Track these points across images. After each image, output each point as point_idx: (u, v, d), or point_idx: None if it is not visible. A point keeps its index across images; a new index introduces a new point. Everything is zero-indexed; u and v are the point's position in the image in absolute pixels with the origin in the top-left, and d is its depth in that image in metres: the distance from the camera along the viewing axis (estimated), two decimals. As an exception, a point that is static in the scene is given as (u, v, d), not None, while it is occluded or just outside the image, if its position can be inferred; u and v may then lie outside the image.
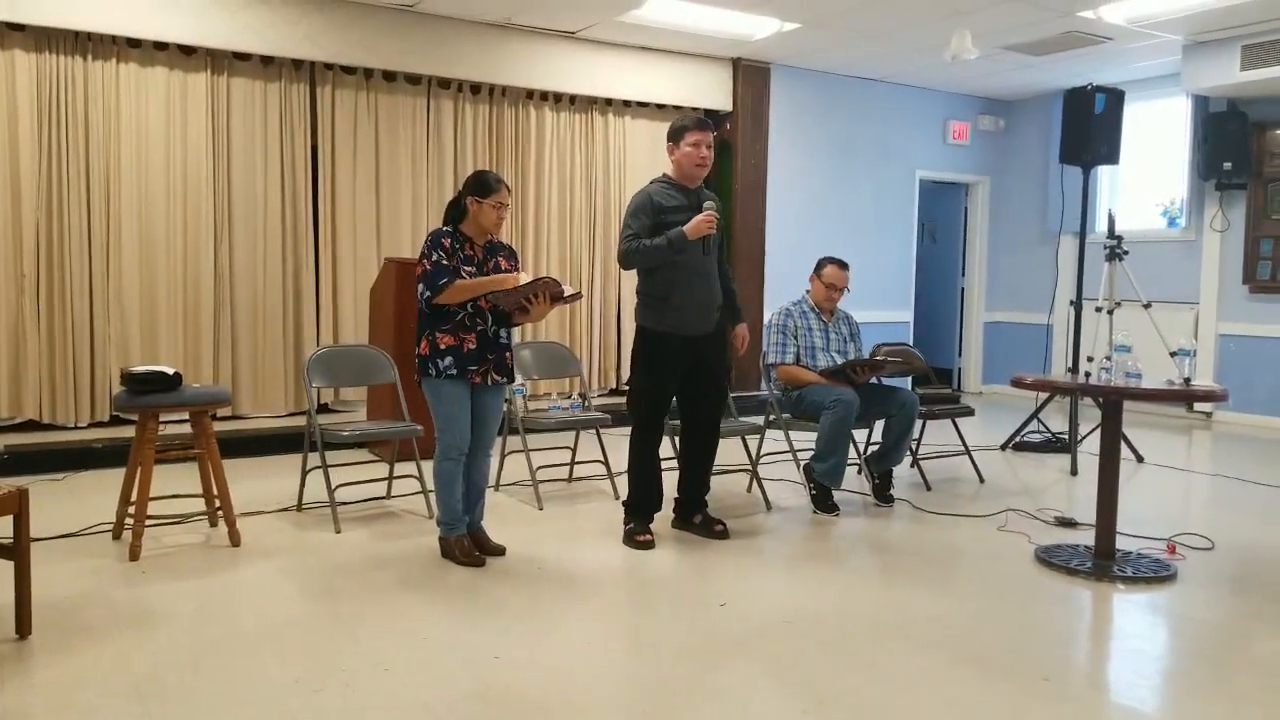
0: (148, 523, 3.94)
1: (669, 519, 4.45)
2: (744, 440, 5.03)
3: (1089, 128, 6.46)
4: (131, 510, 3.94)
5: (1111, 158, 6.63)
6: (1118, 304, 6.24)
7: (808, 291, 5.15)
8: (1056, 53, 7.59)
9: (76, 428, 6.02)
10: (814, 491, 4.84)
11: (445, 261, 3.78)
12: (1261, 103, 7.60)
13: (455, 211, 3.94)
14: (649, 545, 4.16)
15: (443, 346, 3.81)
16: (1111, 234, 6.29)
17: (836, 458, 4.70)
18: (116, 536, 4.13)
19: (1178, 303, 7.99)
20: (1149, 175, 8.60)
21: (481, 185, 3.86)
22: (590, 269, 7.87)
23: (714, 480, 5.17)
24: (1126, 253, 6.27)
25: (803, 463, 4.96)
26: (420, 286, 3.80)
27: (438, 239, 3.83)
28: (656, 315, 4.13)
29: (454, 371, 3.80)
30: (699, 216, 4.01)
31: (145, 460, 3.91)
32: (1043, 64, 7.99)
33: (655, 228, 4.05)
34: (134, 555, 3.85)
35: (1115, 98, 6.54)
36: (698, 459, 4.38)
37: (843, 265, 5.10)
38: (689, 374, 4.21)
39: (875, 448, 5.09)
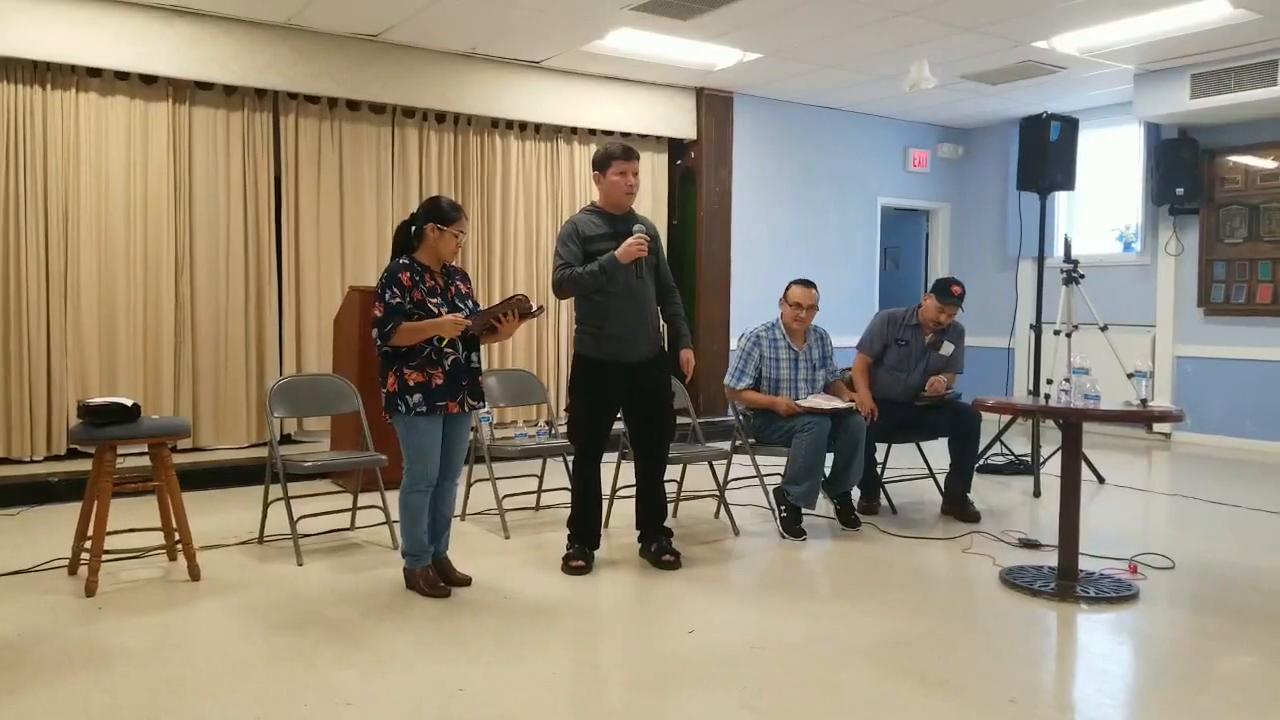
0: (105, 557, 3.86)
1: (637, 547, 4.43)
2: (711, 466, 5.03)
3: (1045, 155, 6.58)
4: (88, 545, 3.86)
5: (1067, 184, 6.75)
6: (1075, 327, 6.34)
7: (780, 317, 5.15)
8: (1012, 82, 7.75)
9: (32, 461, 5.90)
10: (784, 515, 4.85)
11: (398, 300, 3.71)
12: (1211, 130, 7.78)
13: (407, 239, 3.88)
14: (581, 571, 4.14)
15: (411, 383, 3.74)
16: (1068, 258, 6.40)
17: (811, 480, 4.70)
18: (73, 572, 4.04)
19: (1135, 325, 8.13)
20: (1104, 201, 8.77)
21: (442, 213, 3.82)
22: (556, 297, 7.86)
23: (682, 506, 5.17)
24: (1083, 276, 6.38)
25: (771, 487, 4.97)
26: (374, 330, 3.74)
27: (395, 275, 3.74)
28: (594, 343, 4.17)
29: (423, 409, 3.74)
30: (629, 240, 4.00)
31: (102, 493, 3.83)
32: (999, 93, 8.16)
33: (584, 256, 4.07)
34: (90, 591, 3.77)
35: (1070, 126, 6.68)
36: (643, 487, 4.35)
37: (808, 284, 5.08)
38: (631, 402, 4.22)
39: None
